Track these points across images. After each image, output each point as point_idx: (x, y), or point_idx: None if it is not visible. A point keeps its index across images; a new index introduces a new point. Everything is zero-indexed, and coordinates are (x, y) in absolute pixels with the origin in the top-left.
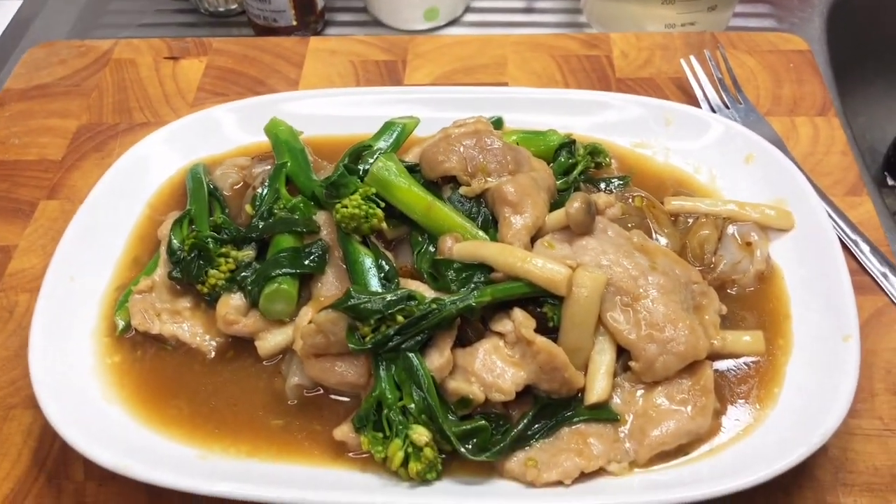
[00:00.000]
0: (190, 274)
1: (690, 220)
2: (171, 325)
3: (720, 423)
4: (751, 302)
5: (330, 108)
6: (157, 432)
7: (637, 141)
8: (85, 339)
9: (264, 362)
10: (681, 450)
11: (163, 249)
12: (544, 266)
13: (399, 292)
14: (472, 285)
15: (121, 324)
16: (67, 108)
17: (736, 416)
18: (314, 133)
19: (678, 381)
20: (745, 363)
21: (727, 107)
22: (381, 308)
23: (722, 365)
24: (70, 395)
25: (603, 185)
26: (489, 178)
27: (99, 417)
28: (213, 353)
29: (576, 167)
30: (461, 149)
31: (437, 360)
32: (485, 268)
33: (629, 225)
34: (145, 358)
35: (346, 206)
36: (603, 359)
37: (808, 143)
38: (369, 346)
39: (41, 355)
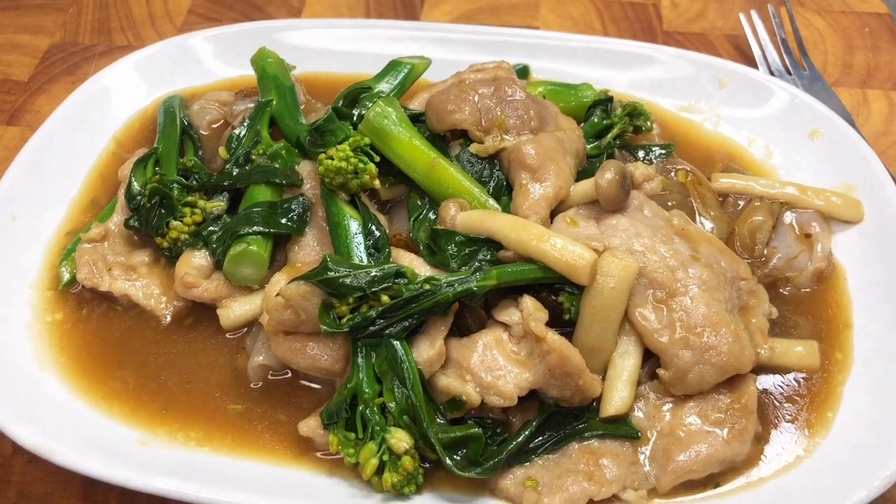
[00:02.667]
0: (149, 224)
1: (741, 203)
2: (123, 283)
3: (761, 451)
4: (806, 305)
5: (331, 42)
6: (94, 407)
7: (684, 104)
8: (23, 289)
9: (227, 334)
10: (711, 480)
11: (121, 193)
12: (564, 247)
13: (386, 267)
14: (476, 264)
15: (66, 276)
16: (40, 24)
17: (781, 443)
18: (311, 69)
19: (714, 397)
20: (794, 379)
21: (789, 72)
22: (363, 285)
23: (767, 380)
24: None
25: (642, 154)
26: (506, 136)
27: (29, 384)
28: (168, 319)
29: (611, 130)
30: (476, 98)
31: (426, 351)
32: (492, 244)
33: (669, 203)
34: (91, 318)
35: (332, 158)
36: (626, 363)
37: (881, 120)
38: (346, 328)
39: None
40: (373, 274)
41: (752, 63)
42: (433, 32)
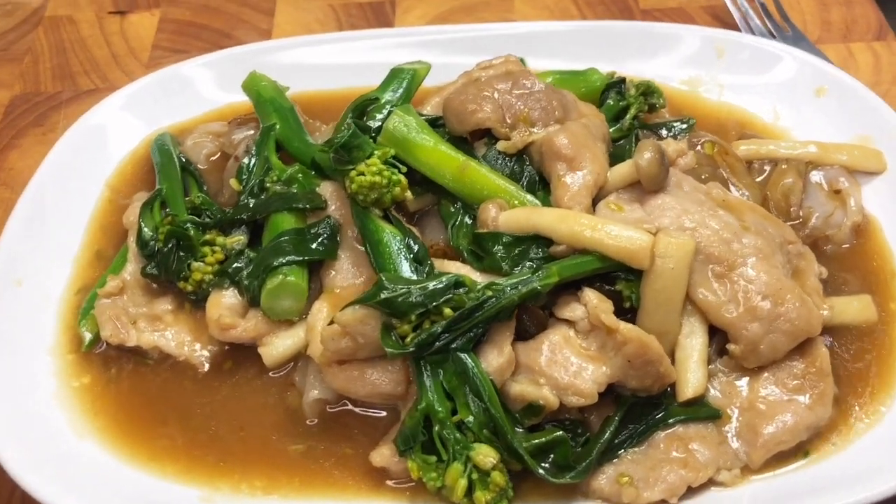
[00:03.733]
0: (168, 269)
1: (767, 168)
2: (151, 334)
3: (841, 412)
4: (850, 261)
5: (317, 58)
6: (145, 471)
7: (684, 78)
8: (43, 357)
9: (270, 373)
10: (800, 448)
11: (131, 241)
12: (620, 234)
13: (444, 279)
14: (530, 263)
15: (87, 336)
16: None
17: (857, 401)
18: (299, 88)
19: (788, 365)
20: (856, 335)
21: (773, 35)
22: (424, 300)
23: (829, 340)
24: (31, 429)
25: (664, 132)
26: (533, 129)
27: (69, 456)
28: (206, 366)
29: (628, 110)
30: (495, 94)
31: (495, 359)
32: (541, 240)
33: (703, 177)
34: (122, 377)
35: (364, 174)
36: (694, 343)
37: (869, 71)
38: (411, 348)
39: None
40: (431, 287)
41: (734, 30)
42: (418, 36)
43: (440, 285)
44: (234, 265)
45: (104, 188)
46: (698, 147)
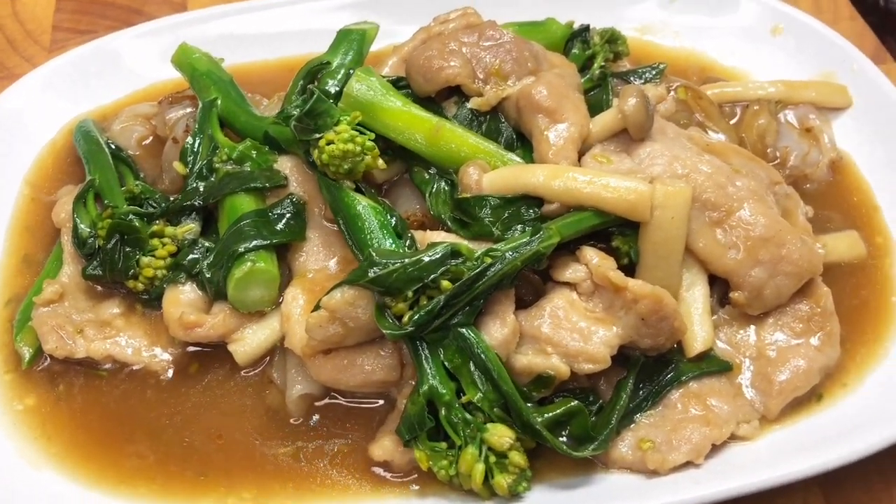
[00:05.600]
0: (114, 268)
1: (738, 111)
2: (102, 343)
3: (847, 352)
4: (830, 198)
5: (246, 27)
6: (116, 496)
7: (637, 26)
8: None
9: (243, 372)
10: (814, 393)
11: (66, 240)
12: (619, 186)
13: (439, 249)
14: (522, 226)
15: (26, 352)
16: None
17: (860, 339)
18: (230, 61)
19: (793, 308)
20: (848, 271)
21: None
22: (420, 274)
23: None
24: None
25: (634, 79)
26: (507, 83)
27: (29, 491)
28: (169, 372)
29: (594, 60)
30: (463, 48)
31: (498, 331)
32: (531, 200)
33: (680, 122)
34: (73, 394)
35: (334, 142)
36: (695, 295)
37: (809, 11)
38: (410, 328)
39: None
40: (426, 260)
41: None
42: None
43: (436, 256)
44: (190, 257)
45: (23, 185)
46: (671, 93)
